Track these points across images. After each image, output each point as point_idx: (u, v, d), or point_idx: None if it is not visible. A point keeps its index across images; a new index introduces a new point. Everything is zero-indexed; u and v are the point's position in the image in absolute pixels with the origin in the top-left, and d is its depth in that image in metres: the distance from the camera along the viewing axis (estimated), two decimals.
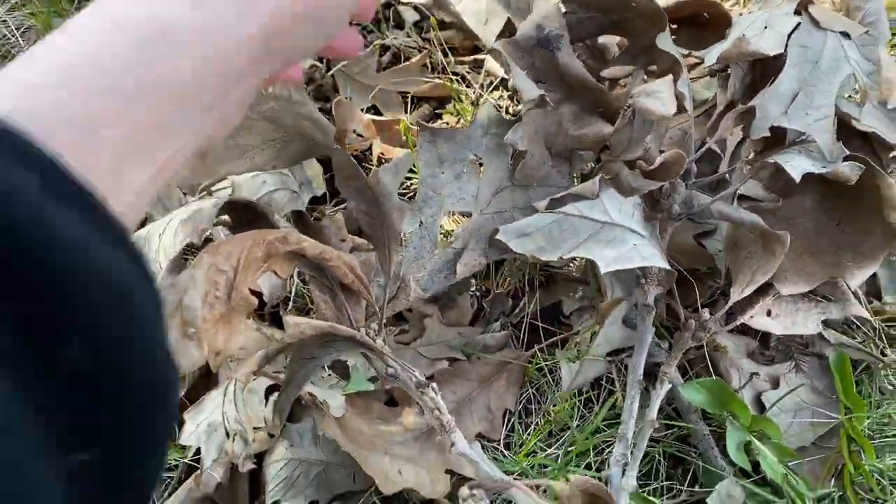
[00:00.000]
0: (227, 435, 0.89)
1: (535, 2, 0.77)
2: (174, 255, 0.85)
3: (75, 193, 0.32)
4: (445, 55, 1.30)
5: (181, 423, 0.96)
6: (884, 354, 1.08)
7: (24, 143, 0.32)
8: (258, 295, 0.87)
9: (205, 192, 0.98)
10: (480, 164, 0.85)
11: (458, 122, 1.22)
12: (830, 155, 0.79)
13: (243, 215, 0.87)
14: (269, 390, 0.95)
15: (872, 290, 1.11)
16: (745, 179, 0.82)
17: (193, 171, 0.79)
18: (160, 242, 0.86)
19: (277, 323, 1.01)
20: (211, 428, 0.91)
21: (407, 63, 1.26)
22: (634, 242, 0.75)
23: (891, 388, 1.06)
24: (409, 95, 1.27)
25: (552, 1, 0.78)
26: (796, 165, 0.77)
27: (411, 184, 1.16)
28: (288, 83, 0.74)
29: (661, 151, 0.84)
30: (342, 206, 1.12)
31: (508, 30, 1.00)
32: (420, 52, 1.29)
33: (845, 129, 0.85)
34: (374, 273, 0.83)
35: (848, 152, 0.80)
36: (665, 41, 0.78)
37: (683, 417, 0.99)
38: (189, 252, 0.99)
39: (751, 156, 0.86)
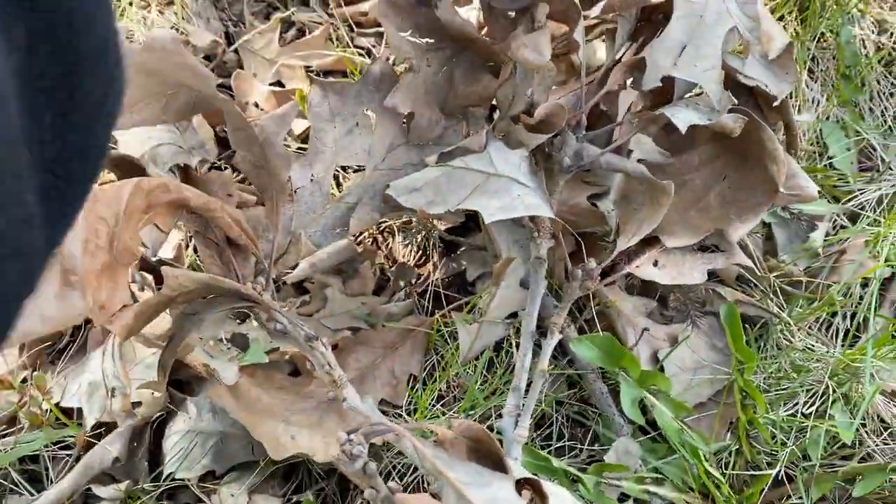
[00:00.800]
0: (107, 392, 0.87)
1: None
2: None
3: None
4: (350, 29, 1.30)
5: None
6: (780, 309, 1.11)
7: None
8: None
9: None
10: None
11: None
12: (719, 104, 0.81)
13: (127, 173, 0.85)
14: None
15: (770, 248, 1.14)
16: (635, 131, 0.84)
17: None
18: None
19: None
20: (92, 387, 0.90)
21: (309, 37, 1.26)
22: (519, 192, 0.76)
23: (787, 343, 1.09)
24: (312, 70, 1.26)
25: None
26: (682, 117, 0.78)
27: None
28: (164, 35, 0.73)
29: None
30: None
31: None
32: (324, 25, 1.29)
33: (731, 83, 0.87)
34: (263, 229, 0.82)
35: (736, 102, 0.82)
36: None
37: (583, 378, 1.01)
38: None
39: (637, 106, 0.87)
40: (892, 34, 1.35)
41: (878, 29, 1.35)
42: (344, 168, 1.12)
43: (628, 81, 0.86)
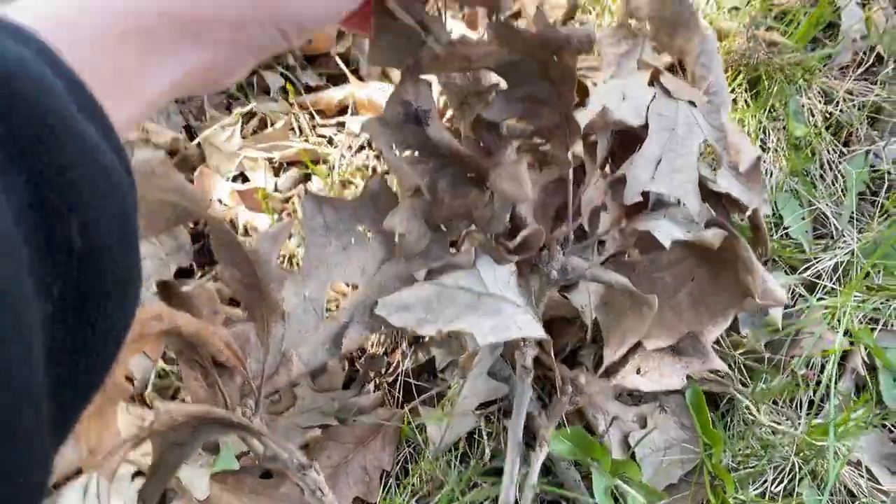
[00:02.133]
0: None
1: (400, 80, 0.77)
2: None
3: (84, 96, 0.38)
4: (312, 117, 1.30)
5: None
6: (744, 385, 1.14)
7: (41, 46, 0.37)
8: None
9: None
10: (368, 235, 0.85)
11: (328, 183, 1.22)
12: (698, 216, 0.84)
13: None
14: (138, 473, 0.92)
15: (732, 324, 1.17)
16: (620, 246, 0.86)
17: None
18: None
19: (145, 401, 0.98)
20: None
21: (271, 129, 1.25)
22: (510, 312, 0.77)
23: (752, 418, 1.11)
24: (273, 161, 1.26)
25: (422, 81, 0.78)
26: (665, 232, 0.81)
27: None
28: (150, 156, 0.73)
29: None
30: (211, 274, 1.11)
31: None
32: (286, 116, 1.29)
33: (701, 189, 0.90)
34: (250, 346, 0.81)
35: (714, 214, 0.85)
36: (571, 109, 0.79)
37: (556, 465, 1.02)
38: None
39: (620, 219, 0.89)
40: (837, 102, 1.39)
41: (824, 98, 1.40)
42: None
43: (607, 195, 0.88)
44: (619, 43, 1.08)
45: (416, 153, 0.82)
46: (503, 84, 0.82)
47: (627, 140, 0.88)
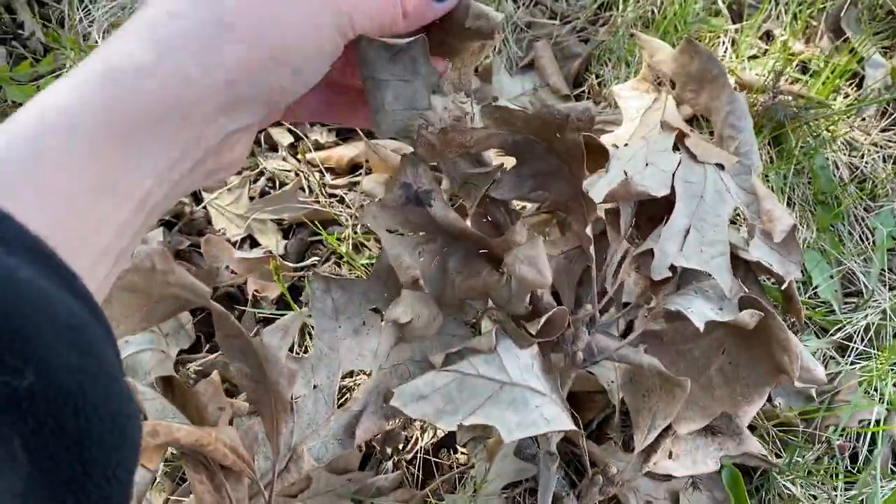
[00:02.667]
0: None
1: (398, 166, 0.73)
2: None
3: (27, 244, 0.36)
4: (322, 175, 1.27)
5: None
6: (778, 456, 1.09)
7: None
8: None
9: None
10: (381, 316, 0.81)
11: (338, 247, 1.18)
12: (730, 292, 0.79)
13: None
14: None
15: None
16: (648, 324, 0.81)
17: None
18: None
19: None
20: None
21: (281, 190, 1.21)
22: (536, 403, 0.72)
23: (788, 493, 1.06)
24: (283, 223, 1.22)
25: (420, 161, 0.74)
26: (698, 312, 0.76)
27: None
28: (150, 250, 0.69)
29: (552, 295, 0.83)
30: (216, 353, 1.06)
31: None
32: (296, 175, 1.25)
33: (732, 258, 0.86)
34: (258, 443, 0.76)
35: (746, 291, 0.80)
36: (584, 185, 0.75)
37: None
38: None
39: (646, 291, 0.84)
40: (862, 155, 1.35)
41: (849, 150, 1.36)
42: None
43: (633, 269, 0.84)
44: (640, 97, 1.04)
45: (422, 234, 0.78)
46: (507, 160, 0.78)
47: (652, 206, 0.83)
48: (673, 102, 1.00)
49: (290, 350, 1.08)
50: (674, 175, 0.83)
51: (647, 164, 0.85)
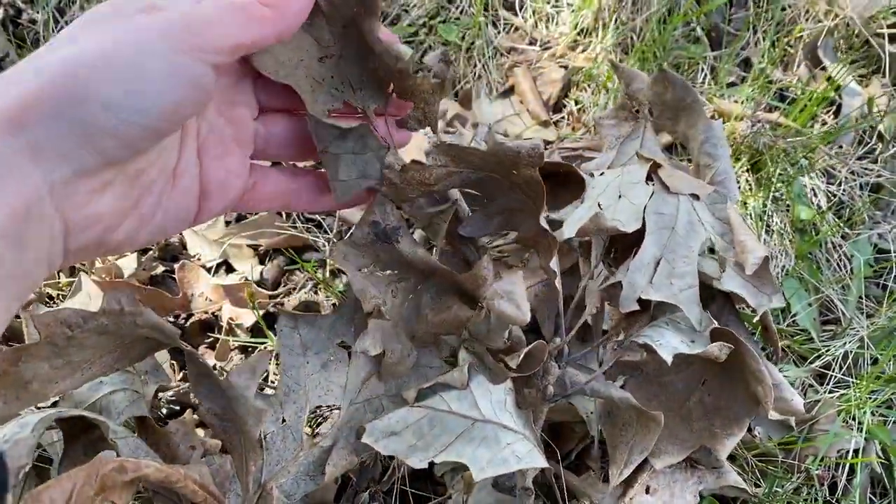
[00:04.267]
0: None
1: (369, 202, 0.74)
2: None
3: None
4: None
5: None
6: (757, 487, 1.08)
7: None
8: None
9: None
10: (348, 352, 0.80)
11: (315, 278, 1.17)
12: (699, 325, 0.79)
13: (75, 427, 0.78)
14: None
15: None
16: (617, 357, 0.81)
17: (9, 402, 0.69)
18: None
19: None
20: None
21: (258, 215, 1.21)
22: (508, 441, 0.71)
23: None
24: (259, 249, 1.22)
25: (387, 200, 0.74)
26: (667, 345, 0.75)
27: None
28: (118, 293, 0.68)
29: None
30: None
31: None
32: None
33: (705, 288, 0.85)
34: (230, 481, 0.76)
35: (715, 324, 0.79)
36: (544, 222, 0.75)
37: None
38: None
39: (619, 324, 0.84)
40: (840, 183, 1.36)
41: (827, 178, 1.36)
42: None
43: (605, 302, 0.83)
44: (619, 125, 1.04)
45: (394, 272, 0.78)
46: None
47: (628, 237, 0.83)
48: (651, 131, 1.01)
49: (265, 380, 1.08)
50: (644, 209, 0.83)
51: (619, 196, 0.84)
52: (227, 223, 1.21)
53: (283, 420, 0.76)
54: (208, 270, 1.17)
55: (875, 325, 1.23)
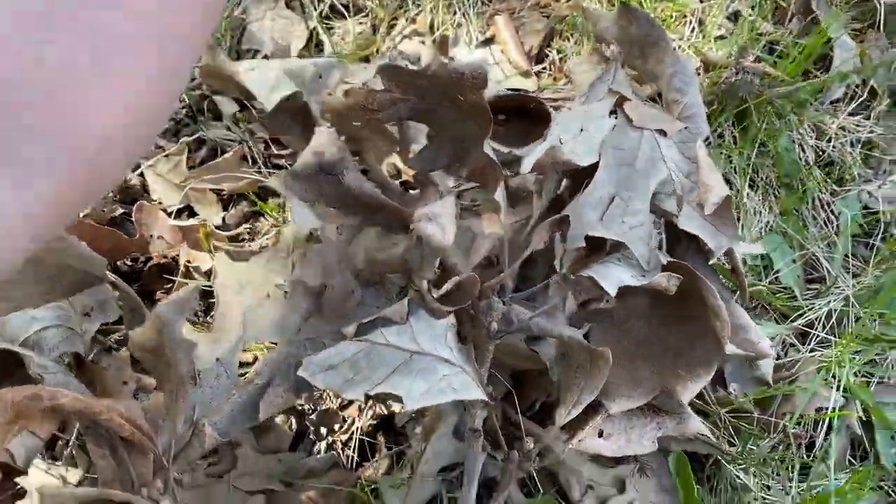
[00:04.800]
0: None
1: (316, 130, 0.70)
2: None
3: None
4: (266, 146, 1.23)
5: None
6: (731, 444, 1.05)
7: None
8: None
9: None
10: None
11: (278, 224, 1.14)
12: (647, 264, 0.75)
13: (7, 364, 0.76)
14: None
15: (718, 379, 1.07)
16: (565, 293, 0.77)
17: None
18: None
19: None
20: None
21: (222, 158, 1.17)
22: (445, 373, 0.68)
23: (740, 483, 1.02)
24: (222, 193, 1.18)
25: (331, 130, 0.71)
26: (612, 278, 0.72)
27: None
28: None
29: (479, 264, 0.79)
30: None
31: (292, 99, 0.91)
32: (239, 144, 1.21)
33: (671, 228, 0.82)
34: (164, 418, 0.73)
35: (665, 262, 0.76)
36: (488, 148, 0.72)
37: None
38: None
39: (576, 264, 0.80)
40: (830, 138, 1.31)
41: (816, 133, 1.32)
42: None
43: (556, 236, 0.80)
44: (591, 69, 1.00)
45: (337, 208, 0.75)
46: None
47: (586, 173, 0.79)
48: (622, 72, 0.97)
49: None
50: (602, 142, 0.79)
51: (581, 131, 0.81)
52: (191, 167, 1.18)
53: (217, 359, 0.73)
54: (169, 215, 1.14)
55: (861, 284, 1.19)
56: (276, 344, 0.76)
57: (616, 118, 0.82)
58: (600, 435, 0.79)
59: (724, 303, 0.73)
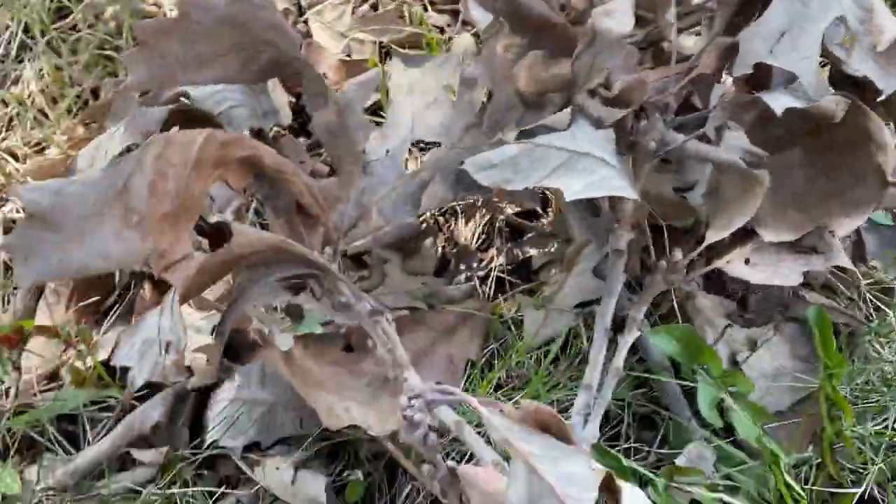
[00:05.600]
0: (160, 350, 0.84)
1: None
2: (115, 154, 0.80)
3: None
4: (425, 8, 1.26)
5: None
6: (869, 319, 1.04)
7: None
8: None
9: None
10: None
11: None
12: (815, 93, 0.76)
13: (196, 128, 0.82)
14: None
15: (858, 254, 1.07)
16: (726, 117, 0.78)
17: (150, 75, 0.72)
18: (107, 152, 0.82)
19: None
20: (145, 345, 0.87)
21: (382, 11, 1.21)
22: (604, 173, 0.71)
23: (875, 355, 1.02)
24: (383, 45, 1.22)
25: None
26: (779, 102, 0.73)
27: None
28: None
29: None
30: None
31: None
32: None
33: (836, 73, 0.81)
34: (335, 200, 0.78)
35: (833, 91, 0.76)
36: None
37: (655, 376, 0.95)
38: None
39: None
40: None
41: None
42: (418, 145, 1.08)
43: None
44: None
45: (509, 27, 0.77)
46: None
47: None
48: None
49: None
50: None
51: None
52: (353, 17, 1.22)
53: (387, 150, 0.78)
54: None
55: None
56: (440, 145, 0.80)
57: None
58: (747, 262, 0.80)
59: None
